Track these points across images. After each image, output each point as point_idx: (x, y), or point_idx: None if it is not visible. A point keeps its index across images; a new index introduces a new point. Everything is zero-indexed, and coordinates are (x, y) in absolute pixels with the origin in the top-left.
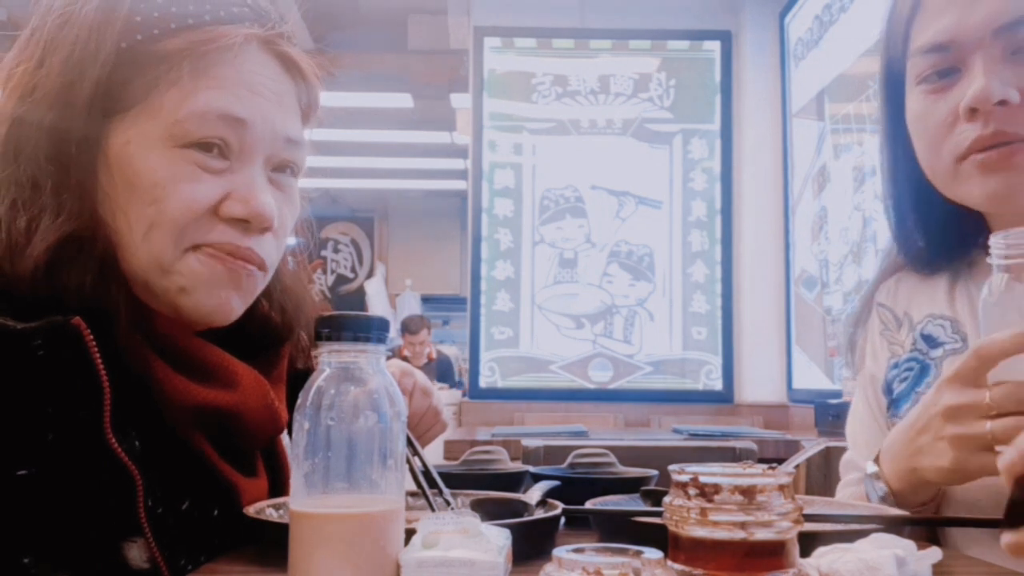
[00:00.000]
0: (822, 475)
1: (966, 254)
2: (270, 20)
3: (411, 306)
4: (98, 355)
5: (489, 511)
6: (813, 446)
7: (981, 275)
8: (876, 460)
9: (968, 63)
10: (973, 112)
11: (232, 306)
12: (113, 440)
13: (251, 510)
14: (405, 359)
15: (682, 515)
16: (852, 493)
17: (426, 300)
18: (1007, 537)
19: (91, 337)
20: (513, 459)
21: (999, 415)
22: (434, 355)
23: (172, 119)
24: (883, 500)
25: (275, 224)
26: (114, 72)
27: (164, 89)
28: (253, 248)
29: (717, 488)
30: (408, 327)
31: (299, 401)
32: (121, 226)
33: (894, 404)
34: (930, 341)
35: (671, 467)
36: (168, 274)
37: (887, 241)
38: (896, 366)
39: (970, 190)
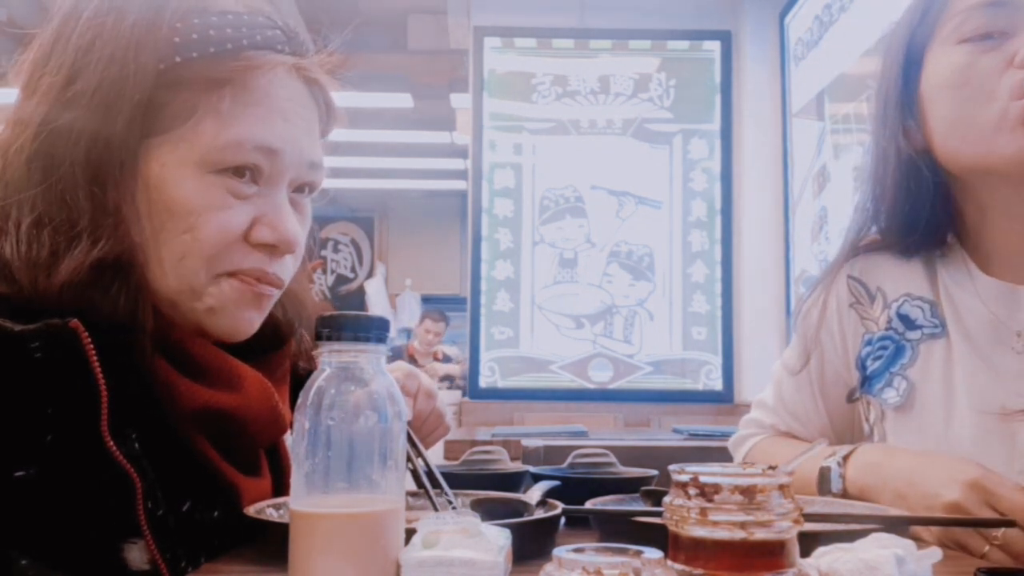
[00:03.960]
0: None
1: (941, 241)
2: (299, 42)
3: (411, 306)
4: (95, 358)
5: (489, 511)
6: (813, 446)
7: (954, 263)
8: (844, 460)
9: (1019, 25)
10: None
11: (253, 325)
12: (111, 442)
13: (251, 510)
14: (412, 357)
15: (682, 515)
16: (752, 445)
17: (426, 300)
18: None
19: (88, 340)
20: (513, 459)
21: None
22: (440, 355)
23: (209, 146)
24: (832, 493)
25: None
26: (153, 94)
27: (203, 115)
28: (277, 273)
29: (717, 488)
30: (431, 314)
31: (299, 401)
32: (153, 248)
33: (867, 381)
34: (907, 322)
35: (671, 467)
36: (199, 297)
37: (852, 219)
38: (870, 342)
39: (1013, 138)
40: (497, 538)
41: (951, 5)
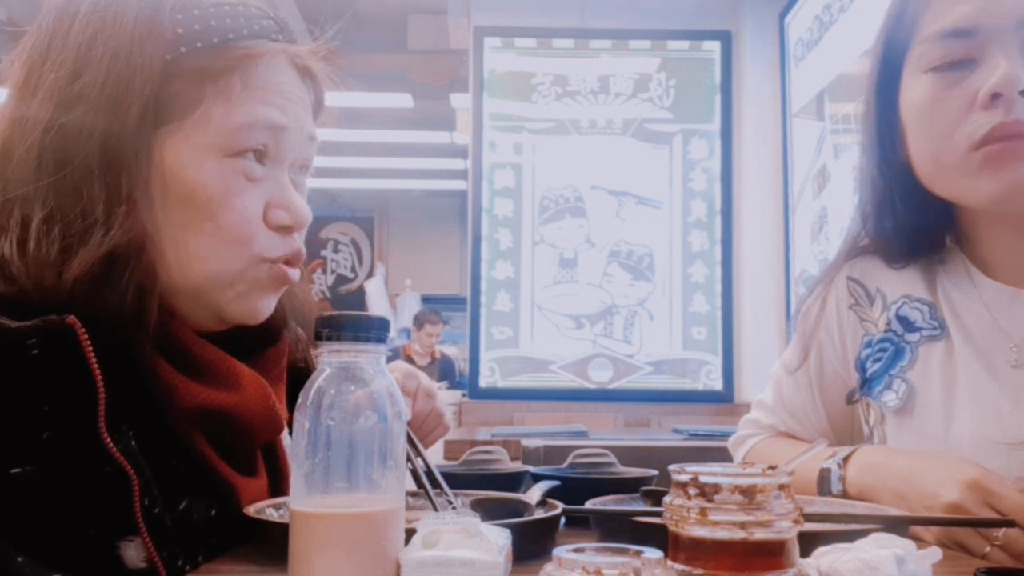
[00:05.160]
0: None
1: (938, 251)
2: (290, 31)
3: (411, 306)
4: (93, 356)
5: (489, 511)
6: (813, 446)
7: (954, 265)
8: (843, 462)
9: (986, 53)
10: (995, 98)
11: (270, 308)
12: (108, 439)
13: (251, 510)
14: (409, 357)
15: (682, 515)
16: (752, 445)
17: (426, 300)
18: None
19: (86, 337)
20: (513, 459)
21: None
22: (438, 355)
23: (223, 130)
24: (832, 494)
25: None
26: (162, 85)
27: (211, 102)
28: (300, 248)
29: (717, 488)
30: (428, 317)
31: (299, 401)
32: (171, 239)
33: (867, 383)
34: (906, 324)
35: (671, 467)
36: (232, 286)
37: (851, 219)
38: (869, 344)
39: (977, 184)
40: (497, 538)
41: (921, 28)
